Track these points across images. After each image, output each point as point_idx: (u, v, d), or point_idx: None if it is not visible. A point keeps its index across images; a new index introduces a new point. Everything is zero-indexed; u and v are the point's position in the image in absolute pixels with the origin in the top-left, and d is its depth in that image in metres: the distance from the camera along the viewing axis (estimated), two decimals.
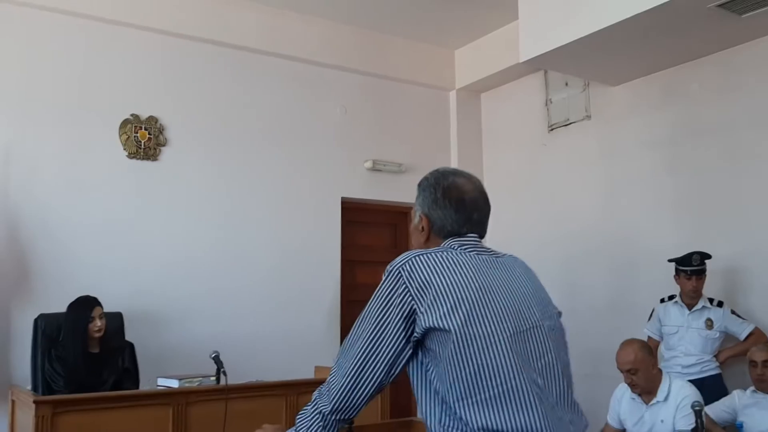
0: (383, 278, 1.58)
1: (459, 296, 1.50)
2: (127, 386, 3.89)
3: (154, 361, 4.20)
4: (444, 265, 1.54)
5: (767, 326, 4.20)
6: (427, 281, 1.51)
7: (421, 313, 1.49)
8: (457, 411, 1.45)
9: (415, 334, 1.51)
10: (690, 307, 4.26)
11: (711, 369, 4.19)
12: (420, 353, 1.54)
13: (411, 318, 1.51)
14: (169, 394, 3.38)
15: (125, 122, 4.77)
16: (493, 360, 1.46)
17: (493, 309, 1.51)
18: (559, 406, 1.53)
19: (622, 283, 5.05)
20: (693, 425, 3.07)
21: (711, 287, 4.30)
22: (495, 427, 1.43)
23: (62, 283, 4.32)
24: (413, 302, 1.50)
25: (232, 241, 5.07)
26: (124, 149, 4.75)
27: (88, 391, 3.52)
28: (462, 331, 1.46)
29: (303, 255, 5.35)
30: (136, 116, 4.81)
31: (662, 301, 4.45)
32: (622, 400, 3.59)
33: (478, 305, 1.50)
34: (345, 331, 5.44)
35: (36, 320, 4.02)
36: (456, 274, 1.53)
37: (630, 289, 4.97)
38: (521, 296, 1.59)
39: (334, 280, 5.49)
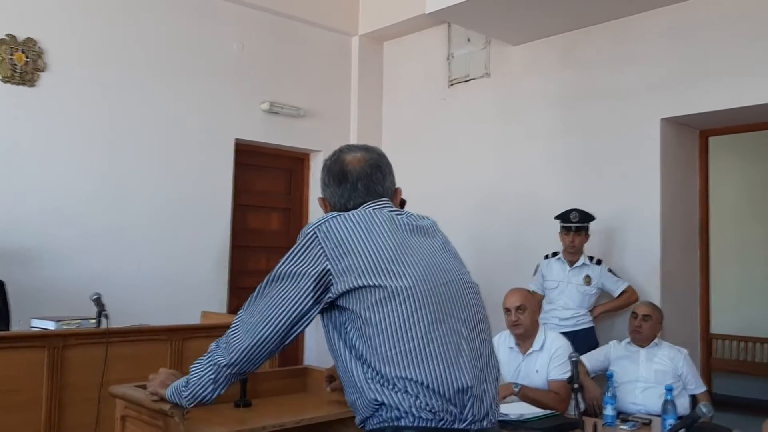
0: (298, 239, 1.58)
1: (376, 254, 1.51)
2: None
3: (28, 302, 3.94)
4: (360, 224, 1.55)
5: (638, 283, 4.50)
6: (344, 241, 1.51)
7: (338, 274, 1.50)
8: (377, 366, 1.46)
9: (329, 295, 1.51)
10: (571, 263, 4.49)
11: (585, 322, 4.45)
12: (336, 313, 1.54)
13: (324, 279, 1.50)
14: (44, 336, 3.17)
15: (0, 42, 4.36)
16: (411, 313, 1.48)
17: (410, 264, 1.53)
18: (483, 355, 1.57)
19: (516, 239, 5.21)
20: (568, 374, 3.24)
21: (592, 245, 4.53)
22: (415, 378, 1.45)
23: None
24: (327, 263, 1.50)
25: (115, 178, 4.79)
26: None
27: None
28: (380, 287, 1.48)
29: (192, 196, 5.14)
30: (12, 37, 4.40)
31: (546, 257, 4.65)
32: (500, 350, 3.65)
33: (396, 261, 1.51)
34: (233, 276, 5.34)
35: None
36: (373, 233, 1.54)
37: (524, 243, 5.13)
38: (438, 253, 1.62)
39: (225, 224, 5.32)
